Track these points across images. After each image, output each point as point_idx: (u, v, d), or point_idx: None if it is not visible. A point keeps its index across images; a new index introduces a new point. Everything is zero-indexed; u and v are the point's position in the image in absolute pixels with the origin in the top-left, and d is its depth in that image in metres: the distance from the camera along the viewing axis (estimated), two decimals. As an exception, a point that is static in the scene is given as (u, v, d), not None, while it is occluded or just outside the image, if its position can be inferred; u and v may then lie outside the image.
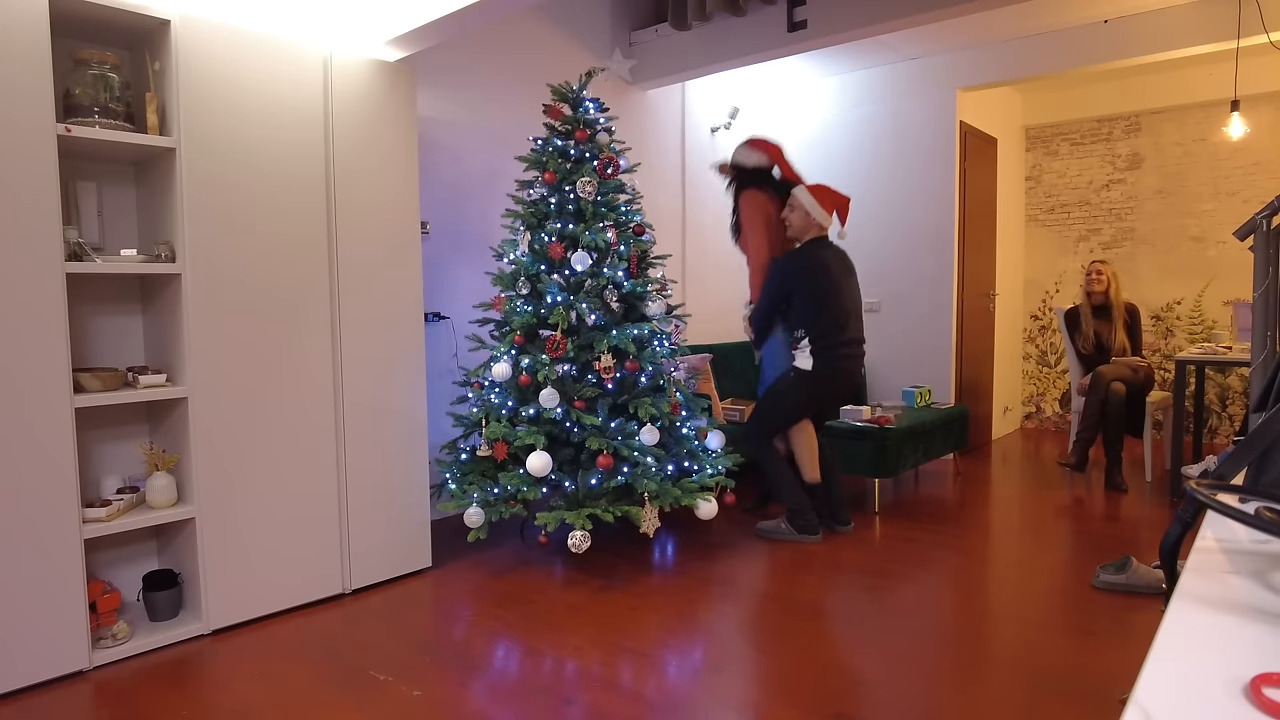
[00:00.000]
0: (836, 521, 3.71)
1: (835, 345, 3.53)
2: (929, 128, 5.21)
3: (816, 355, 3.52)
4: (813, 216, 3.55)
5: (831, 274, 3.53)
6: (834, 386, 3.61)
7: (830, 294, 3.52)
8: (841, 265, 3.63)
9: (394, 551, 3.08)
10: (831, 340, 3.53)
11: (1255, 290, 1.75)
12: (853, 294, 3.64)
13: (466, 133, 3.93)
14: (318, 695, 2.20)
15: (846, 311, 3.56)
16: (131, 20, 2.44)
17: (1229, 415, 5.55)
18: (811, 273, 3.53)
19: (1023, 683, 2.22)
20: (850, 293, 3.62)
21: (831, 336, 3.53)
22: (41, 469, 2.23)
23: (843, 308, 3.55)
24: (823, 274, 3.52)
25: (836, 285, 3.53)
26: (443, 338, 3.86)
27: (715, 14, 4.20)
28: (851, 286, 3.64)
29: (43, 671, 2.26)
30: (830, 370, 3.56)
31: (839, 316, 3.54)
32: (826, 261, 3.54)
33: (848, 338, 3.58)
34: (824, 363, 3.54)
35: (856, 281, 3.70)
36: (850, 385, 3.65)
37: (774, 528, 3.61)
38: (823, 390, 3.60)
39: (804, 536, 3.56)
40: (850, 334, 3.59)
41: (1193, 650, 0.56)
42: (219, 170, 2.55)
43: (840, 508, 3.71)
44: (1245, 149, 5.39)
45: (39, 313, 2.21)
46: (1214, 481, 0.79)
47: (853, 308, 3.61)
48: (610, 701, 2.14)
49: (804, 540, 3.55)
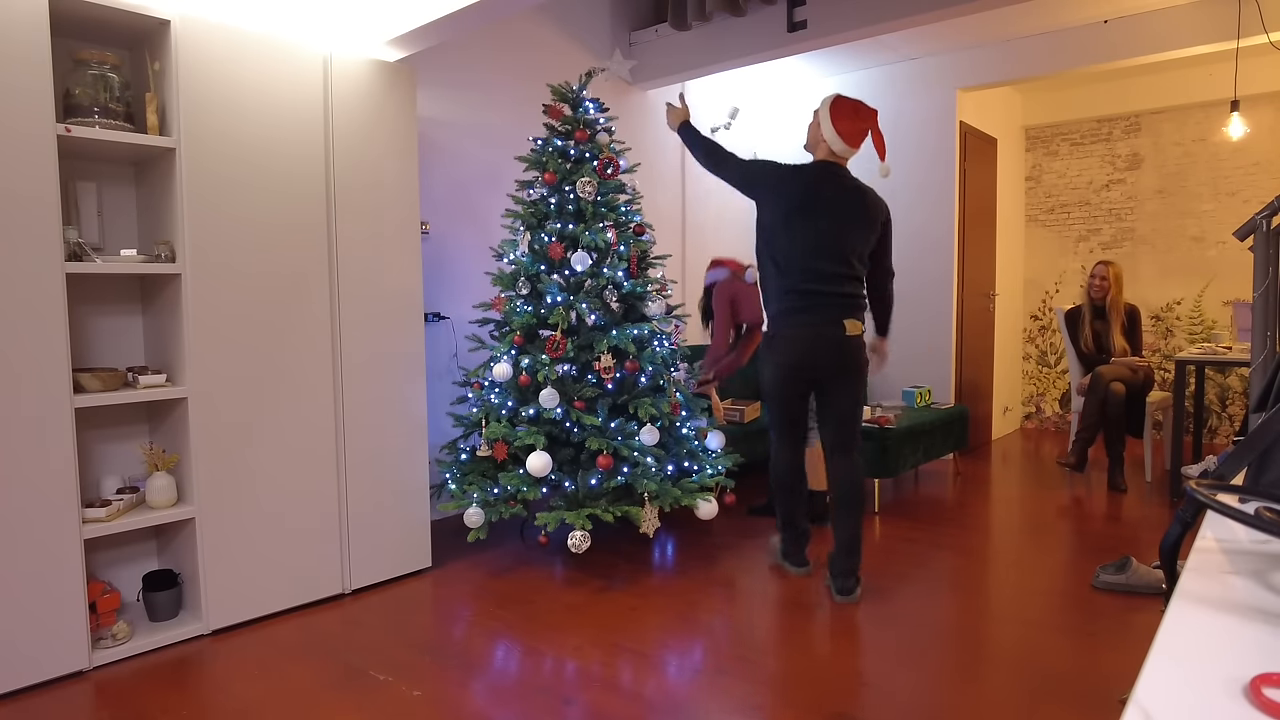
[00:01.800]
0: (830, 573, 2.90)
1: (792, 293, 2.77)
2: (929, 128, 5.21)
3: (777, 308, 2.84)
4: (821, 131, 2.82)
5: (816, 199, 2.76)
6: (797, 360, 2.79)
7: (801, 219, 2.74)
8: (843, 202, 2.77)
9: (394, 551, 3.07)
10: (790, 285, 2.77)
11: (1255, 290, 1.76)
12: (847, 238, 2.77)
13: (466, 133, 3.93)
14: (318, 695, 2.20)
15: (820, 250, 2.73)
16: (131, 20, 2.44)
17: (1229, 415, 5.55)
18: (784, 182, 2.80)
19: (1023, 683, 2.22)
20: (842, 235, 2.76)
21: (790, 279, 2.77)
22: (41, 469, 2.23)
23: (817, 244, 2.73)
24: (801, 192, 2.77)
25: (815, 212, 2.74)
26: (443, 338, 3.86)
27: (715, 14, 4.20)
28: (849, 230, 2.78)
29: (43, 671, 2.26)
30: (787, 333, 2.79)
31: (803, 253, 2.74)
32: (815, 184, 2.78)
33: (810, 287, 2.74)
34: (781, 320, 2.82)
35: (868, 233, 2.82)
36: (827, 359, 2.76)
37: (772, 545, 3.25)
38: (785, 364, 2.81)
39: (787, 564, 3.11)
40: (818, 284, 2.74)
41: (1193, 650, 0.56)
42: (219, 170, 2.55)
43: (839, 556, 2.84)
44: (1245, 149, 5.39)
45: (39, 313, 2.21)
46: (1214, 481, 0.79)
47: (838, 250, 2.76)
48: (610, 701, 2.14)
49: (789, 570, 3.10)
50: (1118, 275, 4.64)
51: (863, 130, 2.82)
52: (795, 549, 3.09)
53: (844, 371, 2.79)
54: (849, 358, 2.79)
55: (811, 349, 2.77)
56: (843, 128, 2.79)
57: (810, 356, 2.78)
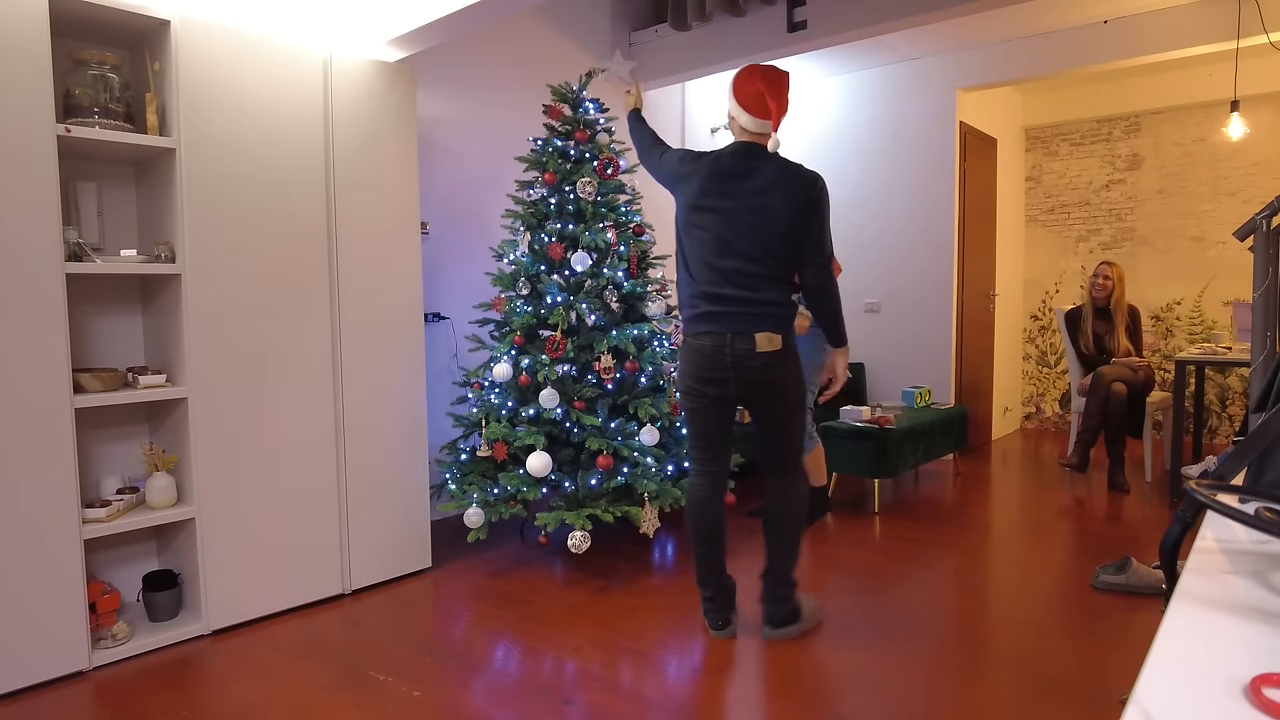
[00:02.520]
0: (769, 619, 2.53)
1: (697, 298, 2.38)
2: (929, 128, 5.21)
3: (684, 315, 2.47)
4: (729, 108, 2.44)
5: (721, 188, 2.33)
6: (696, 374, 2.37)
7: (705, 213, 2.35)
8: (755, 188, 2.31)
9: (394, 552, 3.07)
10: (695, 289, 2.39)
11: (1255, 290, 1.75)
12: (762, 231, 2.30)
13: (466, 133, 3.93)
14: (318, 695, 2.20)
15: (727, 247, 2.31)
16: (131, 21, 2.44)
17: (1229, 415, 5.55)
18: (687, 169, 2.43)
19: (1023, 683, 2.22)
20: (755, 229, 2.30)
21: (695, 283, 2.39)
22: (41, 469, 2.23)
23: (724, 241, 2.32)
24: (703, 181, 2.36)
25: (720, 203, 2.33)
26: (443, 338, 3.86)
27: (715, 14, 4.20)
28: (764, 221, 2.30)
29: (43, 672, 2.26)
30: (691, 343, 2.40)
31: (709, 251, 2.34)
32: (721, 170, 2.35)
33: (716, 291, 2.33)
34: (687, 329, 2.44)
35: (789, 222, 2.31)
36: (734, 377, 2.33)
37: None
38: (687, 376, 2.41)
39: (711, 628, 2.57)
40: (725, 289, 2.32)
41: (1193, 650, 0.56)
42: (219, 171, 2.55)
43: (765, 581, 2.53)
44: (1245, 149, 5.39)
45: (39, 313, 2.21)
46: (1214, 482, 0.79)
47: (750, 247, 2.31)
48: (610, 701, 2.14)
49: (711, 630, 2.57)
50: (1121, 276, 4.65)
51: (757, 92, 2.33)
52: (713, 607, 2.54)
53: (759, 394, 2.35)
54: (763, 378, 2.32)
55: (714, 364, 2.33)
56: (741, 96, 2.36)
57: (713, 373, 2.34)
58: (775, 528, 2.51)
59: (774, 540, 2.51)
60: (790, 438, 2.47)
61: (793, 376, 2.40)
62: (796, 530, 2.51)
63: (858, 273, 5.51)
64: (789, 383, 2.39)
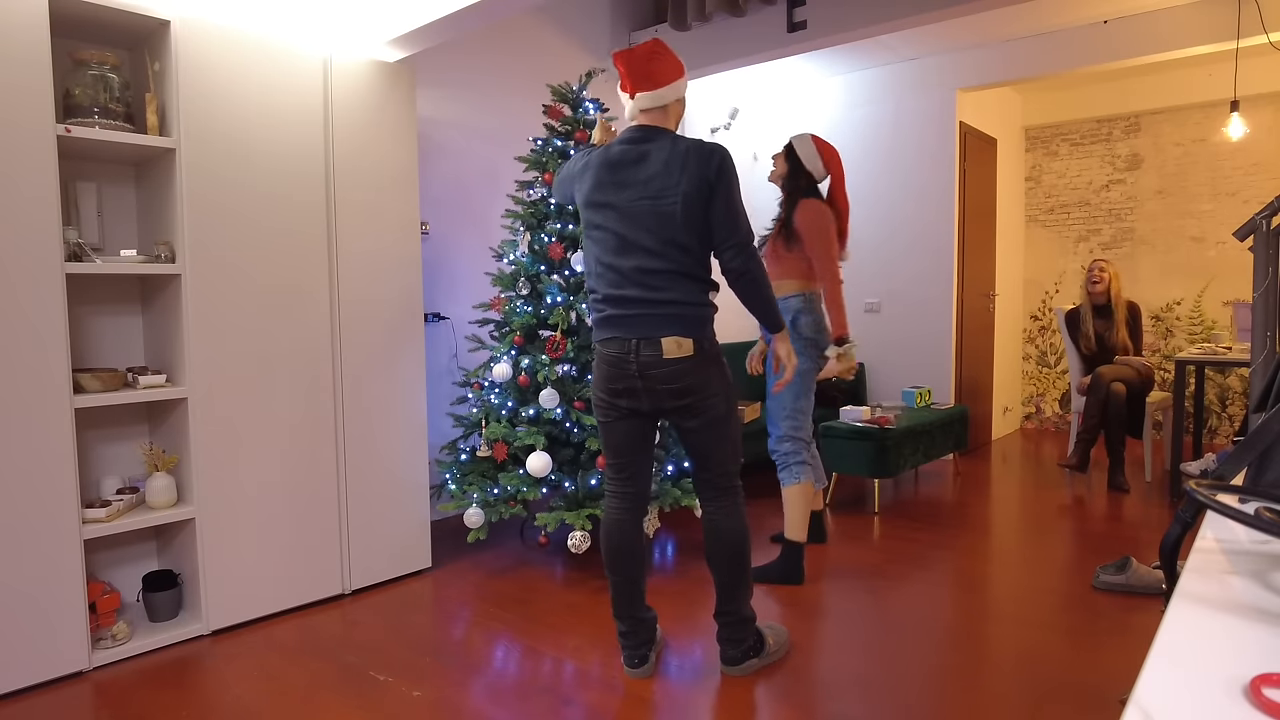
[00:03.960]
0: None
1: (599, 302, 2.17)
2: (929, 128, 5.21)
3: (591, 321, 2.26)
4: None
5: (609, 180, 2.12)
6: (602, 384, 2.18)
7: (597, 210, 2.15)
8: (644, 173, 2.08)
9: (394, 552, 3.07)
10: (596, 295, 2.18)
11: (1255, 290, 1.75)
12: (656, 221, 2.06)
13: (466, 133, 3.93)
14: (318, 695, 2.20)
15: (623, 244, 2.09)
16: (131, 21, 2.44)
17: (1229, 415, 5.55)
18: (575, 169, 2.27)
19: (1023, 683, 2.22)
20: (648, 220, 2.06)
21: (596, 288, 2.19)
22: (41, 469, 2.23)
23: (618, 237, 2.10)
24: (593, 177, 2.17)
25: (609, 196, 2.12)
26: (443, 338, 3.86)
27: (715, 14, 4.20)
28: (658, 209, 2.06)
29: (42, 672, 2.26)
30: (598, 350, 2.20)
31: (605, 250, 2.13)
32: (606, 161, 2.14)
33: (615, 293, 2.12)
34: (595, 335, 2.22)
35: (688, 207, 2.05)
36: (642, 387, 2.10)
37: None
38: (596, 387, 2.21)
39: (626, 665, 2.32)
40: (624, 290, 2.10)
41: (1193, 650, 0.56)
42: (219, 171, 2.55)
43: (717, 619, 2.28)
44: (1245, 149, 5.39)
45: (39, 313, 2.21)
46: (1214, 481, 0.79)
47: (646, 241, 2.07)
48: (610, 701, 2.14)
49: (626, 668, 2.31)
50: (1115, 272, 4.65)
51: (621, 74, 2.16)
52: (628, 643, 2.28)
53: (673, 406, 2.12)
54: (673, 387, 2.09)
55: (620, 374, 2.12)
56: (619, 68, 2.16)
57: (620, 383, 2.13)
58: (716, 562, 2.24)
59: (718, 575, 2.24)
60: (720, 456, 2.21)
61: (713, 385, 2.14)
62: (740, 562, 2.23)
63: (858, 273, 5.51)
64: (708, 392, 2.13)
